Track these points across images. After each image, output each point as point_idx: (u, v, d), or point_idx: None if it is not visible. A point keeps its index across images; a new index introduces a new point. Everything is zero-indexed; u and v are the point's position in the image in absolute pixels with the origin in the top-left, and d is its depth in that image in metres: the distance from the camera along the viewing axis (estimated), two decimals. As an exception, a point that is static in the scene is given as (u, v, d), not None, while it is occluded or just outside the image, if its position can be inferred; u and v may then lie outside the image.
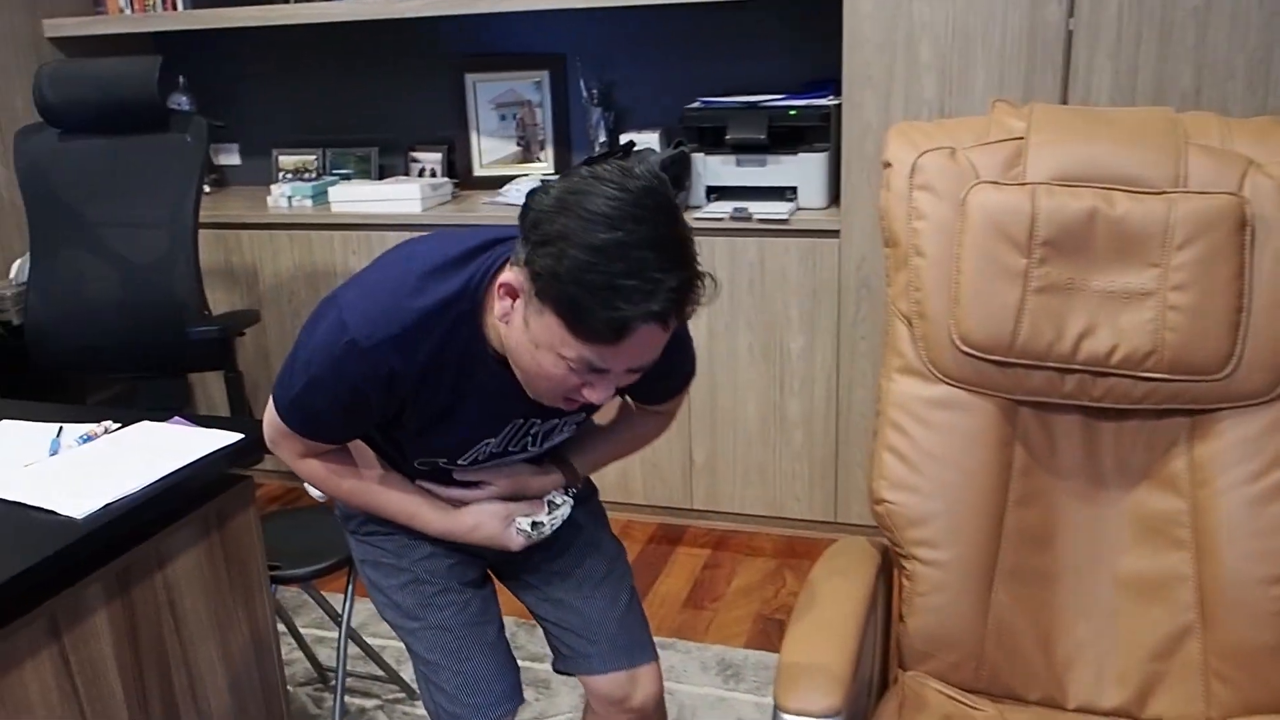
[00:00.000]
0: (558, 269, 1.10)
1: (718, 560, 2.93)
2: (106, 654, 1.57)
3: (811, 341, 2.85)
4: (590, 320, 1.10)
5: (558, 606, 1.65)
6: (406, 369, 1.27)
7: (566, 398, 1.24)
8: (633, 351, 1.14)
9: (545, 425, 1.44)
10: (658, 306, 1.09)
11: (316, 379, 1.30)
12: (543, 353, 1.17)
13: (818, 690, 1.23)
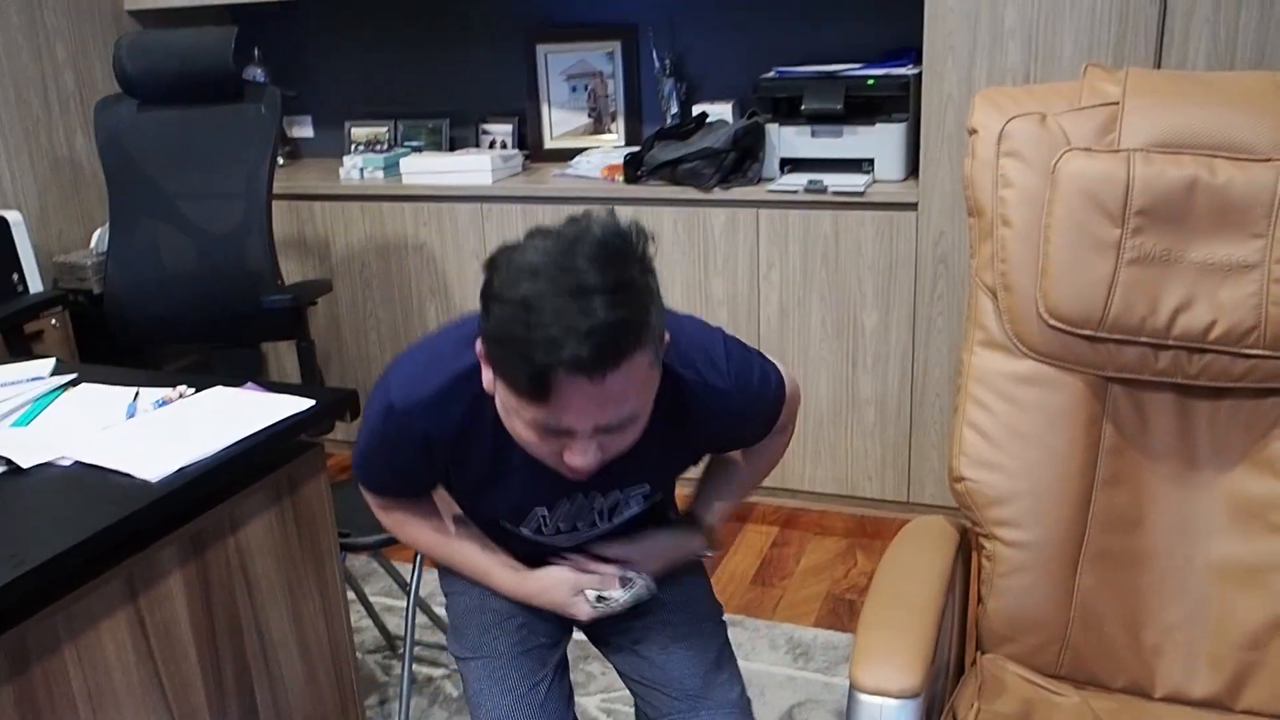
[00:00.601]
0: (487, 328, 1.07)
1: (786, 538, 2.89)
2: (181, 616, 1.58)
3: (886, 318, 2.78)
4: (515, 377, 1.04)
5: (640, 662, 1.53)
6: (442, 434, 1.25)
7: (568, 468, 1.14)
8: (576, 410, 1.05)
9: (607, 500, 1.35)
10: (568, 355, 0.99)
11: (369, 441, 1.34)
12: (511, 418, 1.13)
13: (896, 670, 1.19)
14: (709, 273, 2.92)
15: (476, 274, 3.19)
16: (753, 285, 2.88)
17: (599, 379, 1.02)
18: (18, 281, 2.76)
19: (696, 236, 2.90)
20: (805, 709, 2.17)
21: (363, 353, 3.44)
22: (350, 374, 3.47)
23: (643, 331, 1.05)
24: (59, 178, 3.28)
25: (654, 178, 2.94)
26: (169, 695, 1.57)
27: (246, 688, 1.72)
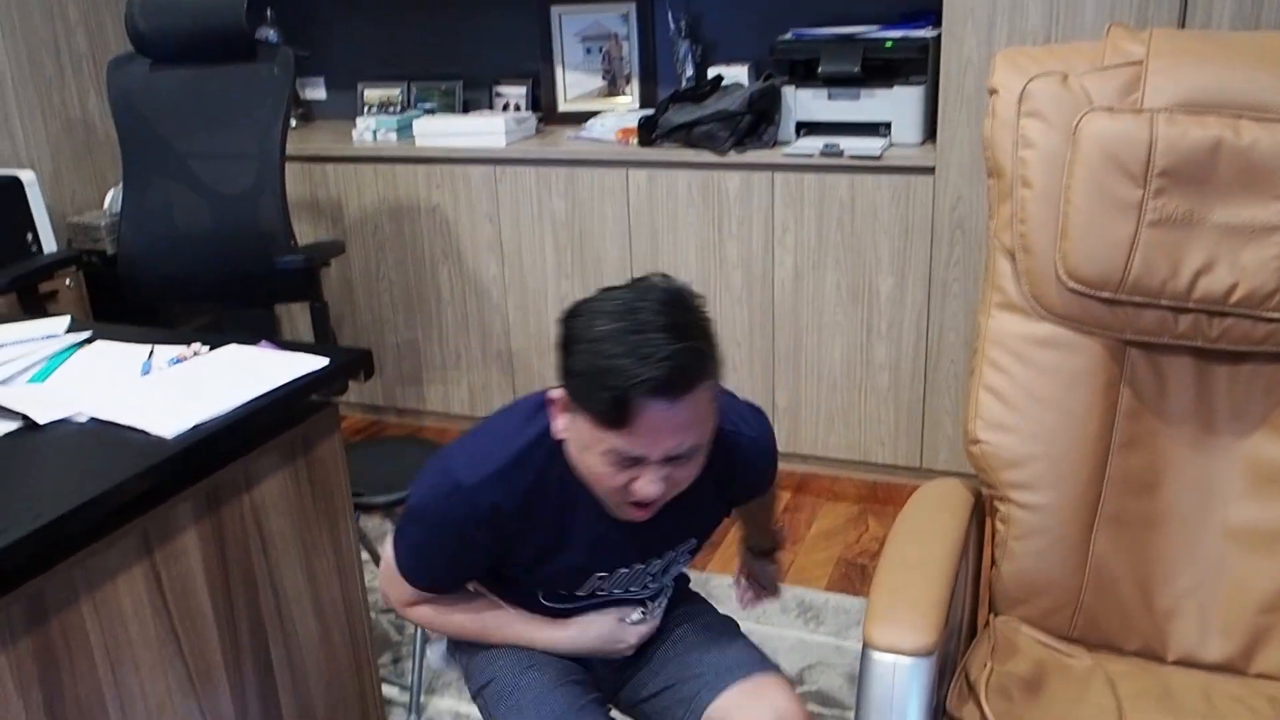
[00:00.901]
0: (572, 366, 1.17)
1: (799, 503, 2.89)
2: (196, 571, 1.59)
3: (902, 283, 2.77)
4: (598, 405, 1.13)
5: (659, 672, 1.51)
6: (508, 504, 1.29)
7: (631, 503, 1.23)
8: (651, 434, 1.15)
9: (663, 561, 1.42)
10: (648, 376, 1.10)
11: (427, 529, 1.36)
12: (588, 455, 1.20)
13: (909, 628, 1.19)
14: (723, 237, 2.90)
15: (489, 237, 3.19)
16: (767, 249, 2.87)
17: (673, 403, 1.13)
18: (31, 241, 2.76)
19: (711, 200, 2.88)
20: (816, 671, 2.18)
21: (376, 315, 3.44)
22: (363, 336, 3.47)
23: (709, 364, 1.17)
24: (72, 138, 3.27)
25: (668, 141, 2.92)
26: (185, 650, 1.58)
27: (261, 644, 1.73)
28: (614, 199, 3.00)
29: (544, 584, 1.42)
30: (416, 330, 3.40)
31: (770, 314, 2.93)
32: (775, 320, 2.93)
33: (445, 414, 3.48)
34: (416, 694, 2.09)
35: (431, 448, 2.26)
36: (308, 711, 1.85)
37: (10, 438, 1.54)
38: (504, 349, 3.30)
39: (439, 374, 3.43)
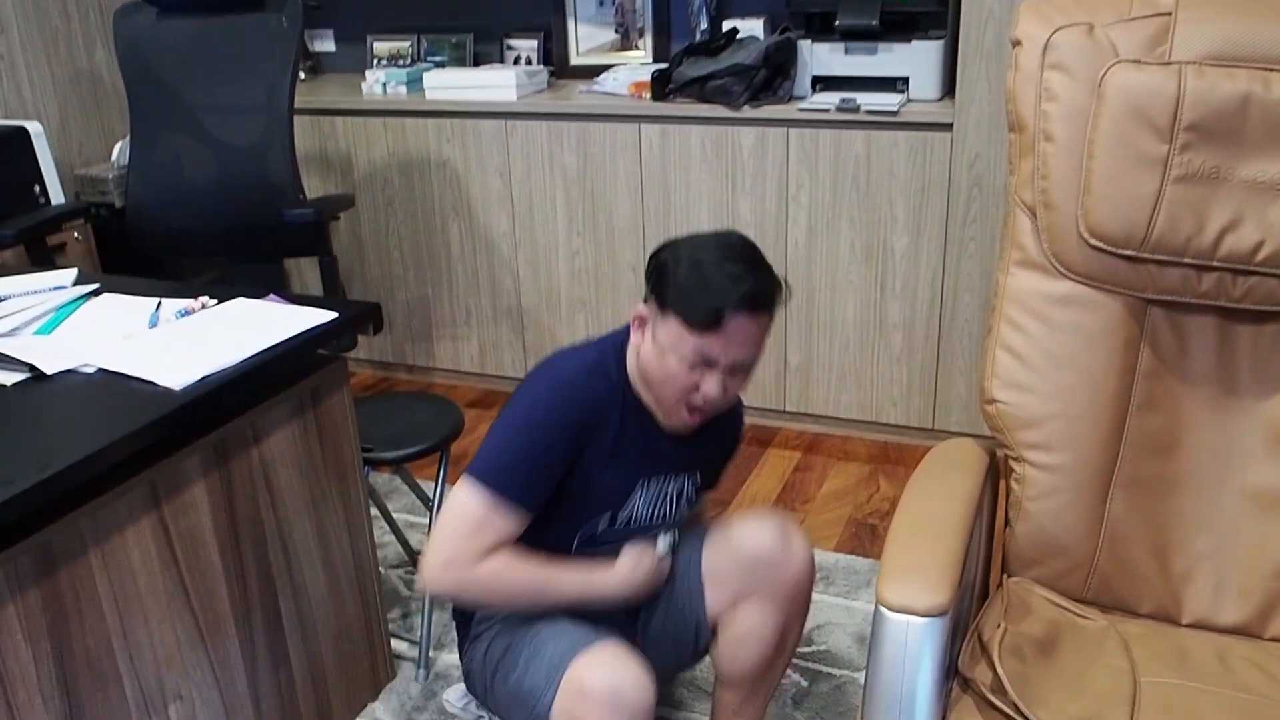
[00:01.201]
0: (672, 278, 1.43)
1: (809, 463, 2.88)
2: (205, 525, 1.59)
3: (917, 241, 2.73)
4: (695, 310, 1.40)
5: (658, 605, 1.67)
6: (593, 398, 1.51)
7: (689, 407, 1.48)
8: (732, 341, 1.41)
9: (677, 484, 1.63)
10: (742, 293, 1.39)
11: (528, 434, 1.48)
12: (668, 356, 1.44)
13: (922, 588, 1.17)
14: (737, 193, 2.87)
15: (500, 192, 3.15)
16: (781, 206, 2.83)
17: (756, 318, 1.42)
18: (39, 193, 2.74)
19: (725, 156, 2.85)
20: (825, 631, 2.18)
21: (385, 271, 3.42)
22: (373, 292, 3.45)
23: (779, 294, 1.45)
24: (79, 90, 3.24)
25: (682, 95, 2.87)
26: (194, 602, 1.58)
27: (270, 597, 1.73)
28: (626, 154, 2.96)
29: (595, 501, 1.56)
30: (426, 286, 3.38)
31: (783, 271, 2.88)
32: (788, 278, 2.89)
33: (455, 371, 3.46)
34: (425, 648, 2.09)
35: (442, 403, 2.25)
36: (316, 664, 1.86)
37: (18, 388, 1.53)
38: (514, 305, 3.28)
39: (449, 331, 3.41)
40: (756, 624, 1.59)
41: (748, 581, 1.58)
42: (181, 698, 1.58)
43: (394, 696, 2.03)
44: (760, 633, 1.59)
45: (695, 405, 1.48)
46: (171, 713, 1.56)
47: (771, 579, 1.56)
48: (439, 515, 1.51)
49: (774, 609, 1.58)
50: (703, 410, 1.49)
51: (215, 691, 1.64)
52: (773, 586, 1.57)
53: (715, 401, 1.46)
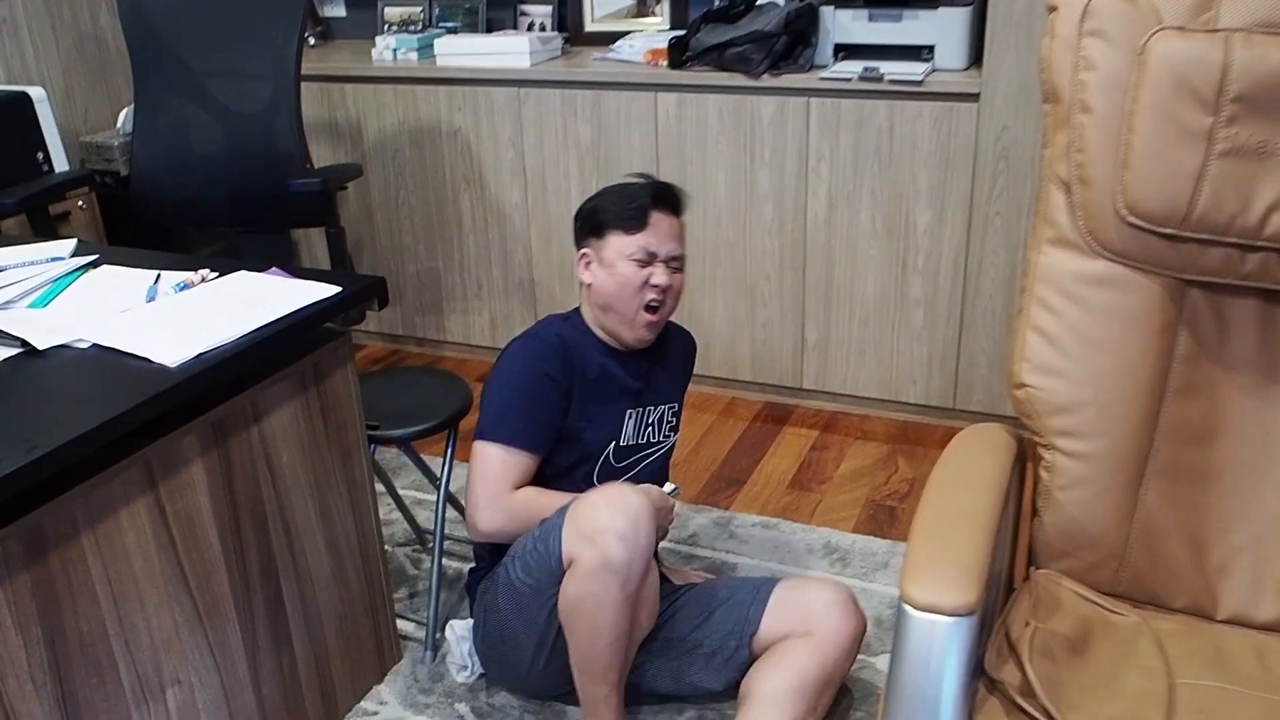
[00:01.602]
0: (602, 208, 1.79)
1: (826, 442, 2.81)
2: (203, 506, 1.54)
3: (940, 216, 2.65)
4: (626, 214, 1.76)
5: (677, 619, 1.82)
6: (565, 339, 1.80)
7: (647, 308, 1.77)
8: (660, 233, 1.77)
9: (657, 413, 1.91)
10: (654, 190, 1.78)
11: (517, 383, 1.76)
12: (617, 265, 1.76)
13: (950, 585, 1.11)
14: (755, 165, 2.79)
15: (512, 162, 3.08)
16: (800, 179, 2.76)
17: (671, 215, 1.79)
18: (43, 161, 2.68)
19: (743, 126, 2.77)
20: (841, 616, 2.12)
21: (395, 242, 3.36)
22: (382, 263, 3.40)
23: (683, 199, 1.82)
24: (84, 55, 3.18)
25: (700, 63, 2.79)
26: (192, 585, 1.54)
27: (272, 579, 1.68)
28: (642, 124, 2.88)
29: (599, 432, 1.81)
30: (437, 258, 3.32)
31: (802, 246, 2.82)
32: (807, 253, 2.82)
33: (466, 344, 3.41)
34: (433, 629, 2.05)
35: (450, 379, 2.19)
36: (320, 647, 1.82)
37: (9, 364, 1.47)
38: (526, 278, 3.21)
39: (460, 304, 3.35)
40: (798, 656, 1.65)
41: (807, 620, 1.69)
42: (180, 682, 1.53)
43: (399, 679, 1.99)
44: (797, 663, 1.64)
45: (651, 304, 1.76)
46: (169, 698, 1.52)
47: (828, 627, 1.67)
48: (468, 481, 1.77)
49: (819, 651, 1.65)
50: (658, 310, 1.77)
51: (215, 676, 1.60)
52: (827, 634, 1.67)
53: (664, 290, 1.75)
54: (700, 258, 2.95)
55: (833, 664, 1.64)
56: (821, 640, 1.65)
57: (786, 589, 1.76)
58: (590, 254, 1.81)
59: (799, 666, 1.62)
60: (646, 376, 1.87)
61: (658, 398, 1.90)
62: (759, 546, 2.35)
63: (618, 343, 1.84)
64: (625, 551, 1.51)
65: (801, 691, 1.59)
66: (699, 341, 2.72)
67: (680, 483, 2.62)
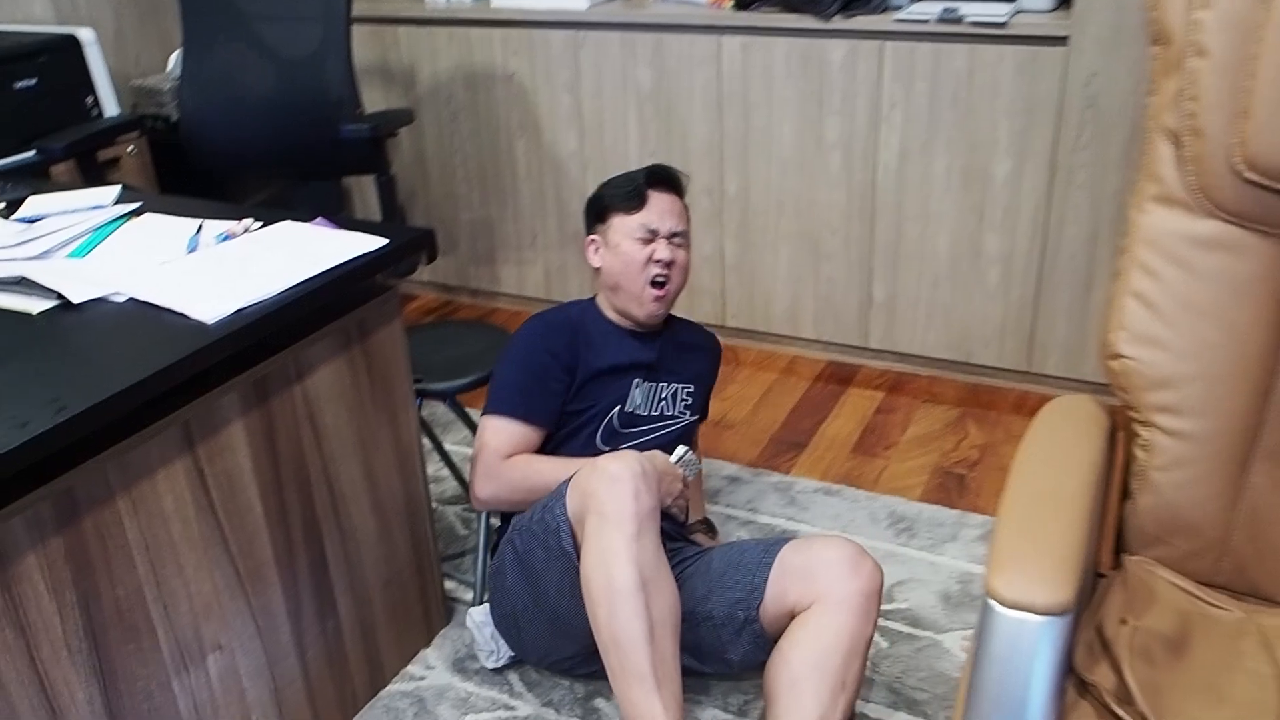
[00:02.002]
0: (606, 193, 1.87)
1: (892, 404, 2.70)
2: (244, 467, 1.48)
3: (1020, 168, 2.50)
4: (624, 196, 1.84)
5: (692, 582, 1.71)
6: (574, 318, 1.87)
7: (654, 284, 1.82)
8: (660, 209, 1.83)
9: (669, 390, 1.91)
10: (649, 171, 1.86)
11: (518, 358, 1.81)
12: (622, 245, 1.83)
13: (1042, 580, 1.01)
14: (824, 112, 2.65)
15: (569, 109, 2.97)
16: (872, 127, 2.61)
17: (669, 192, 1.86)
18: (92, 105, 2.63)
19: (812, 71, 2.62)
20: (906, 588, 2.03)
21: (449, 190, 3.27)
22: (435, 211, 3.32)
23: (682, 180, 1.90)
24: (136, -5, 3.11)
25: (766, 4, 2.65)
26: (233, 549, 1.48)
27: (316, 542, 1.63)
28: (704, 69, 2.75)
29: (601, 401, 1.82)
30: (491, 207, 3.23)
31: (871, 199, 2.69)
32: (876, 206, 2.69)
33: (519, 296, 3.33)
34: (480, 592, 1.99)
35: (495, 332, 2.12)
36: (366, 611, 1.76)
37: (44, 318, 1.42)
38: (581, 230, 3.11)
39: (514, 254, 3.27)
40: (808, 631, 1.53)
41: (813, 584, 1.55)
42: (221, 648, 1.49)
43: (447, 642, 1.94)
44: (808, 639, 1.52)
45: (656, 279, 1.81)
46: (210, 664, 1.47)
47: (835, 590, 1.53)
48: None
49: (830, 619, 1.52)
50: (664, 285, 1.82)
51: (257, 641, 1.55)
52: (834, 597, 1.53)
53: (669, 265, 1.81)
54: (763, 209, 2.82)
55: (848, 631, 1.50)
56: (830, 606, 1.52)
57: (791, 551, 1.62)
58: (598, 239, 1.88)
59: (814, 643, 1.49)
60: (658, 353, 1.90)
61: (671, 375, 1.92)
62: (821, 514, 2.26)
63: (631, 324, 1.88)
64: (619, 499, 1.45)
65: (821, 669, 1.47)
66: (759, 298, 2.63)
67: (739, 445, 2.53)
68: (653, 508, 1.48)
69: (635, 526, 1.44)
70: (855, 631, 1.50)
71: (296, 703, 1.65)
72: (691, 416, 1.95)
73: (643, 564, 1.44)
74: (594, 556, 1.46)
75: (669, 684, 1.44)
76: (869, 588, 1.53)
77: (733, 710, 1.76)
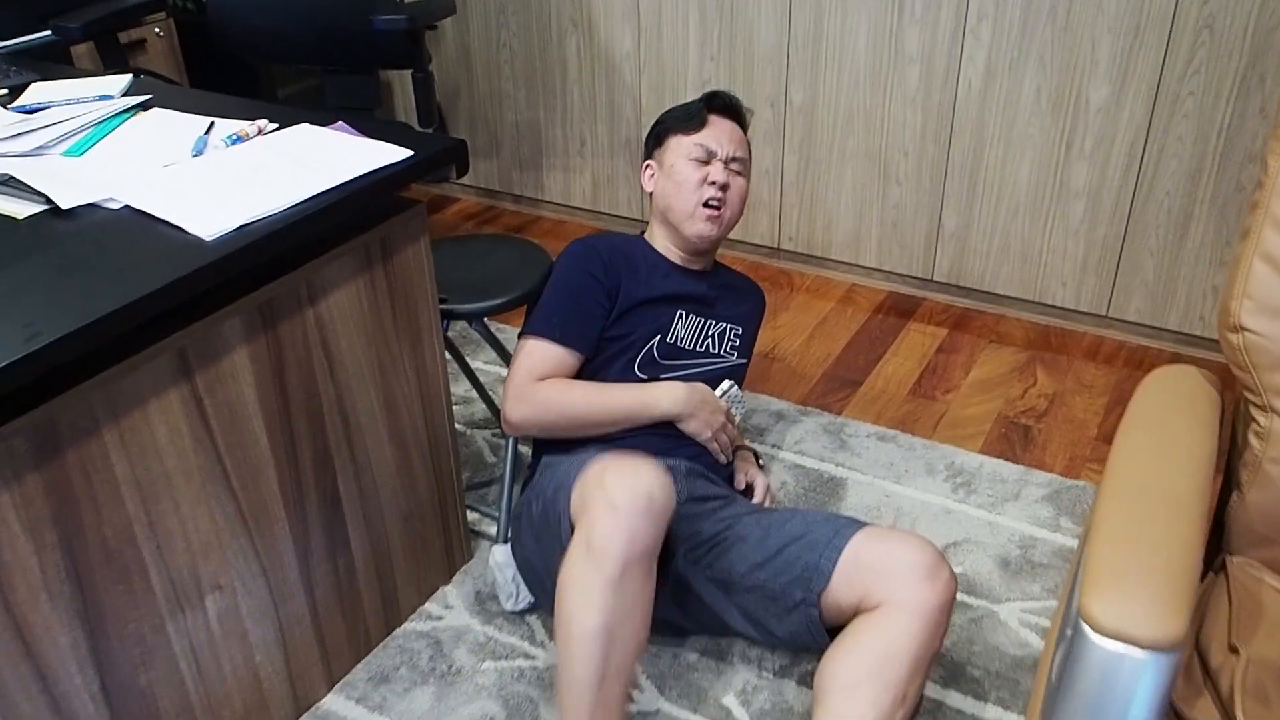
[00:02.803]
0: (666, 118, 1.80)
1: (956, 343, 2.52)
2: (248, 397, 1.35)
3: (1119, 93, 2.26)
4: (684, 117, 1.78)
5: (752, 538, 1.56)
6: (611, 249, 1.75)
7: (705, 204, 1.73)
8: (719, 133, 1.76)
9: (716, 328, 1.81)
10: (711, 95, 1.79)
11: (559, 280, 1.72)
12: (677, 166, 1.75)
13: (1152, 607, 0.85)
14: (903, 22, 2.41)
15: (625, 5, 2.75)
16: (955, 40, 2.38)
17: (730, 119, 1.79)
18: (116, -20, 2.45)
19: (893, -26, 2.39)
20: (963, 550, 1.88)
21: (494, 89, 3.08)
22: (480, 111, 3.13)
23: (744, 109, 1.83)
24: None
25: (848, -104, 2.40)
26: (235, 484, 1.36)
27: (327, 477, 1.51)
28: (775, -33, 2.52)
29: (643, 328, 1.72)
30: (539, 109, 3.04)
31: (949, 120, 2.46)
32: (954, 128, 2.47)
33: (565, 205, 3.15)
34: (505, 526, 1.87)
35: (528, 248, 1.96)
36: (381, 547, 1.65)
37: (29, 224, 1.28)
38: (633, 138, 2.92)
39: (560, 160, 3.08)
40: (875, 637, 1.38)
41: (884, 585, 1.40)
42: (221, 588, 1.38)
43: (468, 580, 1.83)
44: (875, 645, 1.37)
45: (711, 202, 1.72)
46: (209, 604, 1.37)
47: (909, 598, 1.38)
48: None
49: (900, 626, 1.37)
50: (718, 208, 1.73)
51: (261, 580, 1.44)
52: (907, 605, 1.38)
53: (724, 188, 1.72)
54: (830, 124, 2.61)
55: (919, 643, 1.36)
56: (903, 612, 1.37)
57: (864, 543, 1.46)
58: (653, 164, 1.82)
59: (878, 648, 1.35)
60: (710, 289, 1.82)
61: (718, 313, 1.83)
62: (873, 461, 2.11)
63: (680, 255, 1.81)
64: (610, 536, 1.28)
65: (883, 677, 1.33)
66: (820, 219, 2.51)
67: (788, 380, 2.37)
68: (647, 549, 1.31)
69: (618, 570, 1.28)
70: (925, 643, 1.35)
71: (304, 642, 1.55)
72: (738, 359, 1.84)
73: (614, 609, 1.28)
74: (566, 587, 1.31)
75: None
76: (944, 599, 1.38)
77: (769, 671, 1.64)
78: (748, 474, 1.82)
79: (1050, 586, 1.79)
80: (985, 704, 1.58)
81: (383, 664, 1.67)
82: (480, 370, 2.41)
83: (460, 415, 2.25)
